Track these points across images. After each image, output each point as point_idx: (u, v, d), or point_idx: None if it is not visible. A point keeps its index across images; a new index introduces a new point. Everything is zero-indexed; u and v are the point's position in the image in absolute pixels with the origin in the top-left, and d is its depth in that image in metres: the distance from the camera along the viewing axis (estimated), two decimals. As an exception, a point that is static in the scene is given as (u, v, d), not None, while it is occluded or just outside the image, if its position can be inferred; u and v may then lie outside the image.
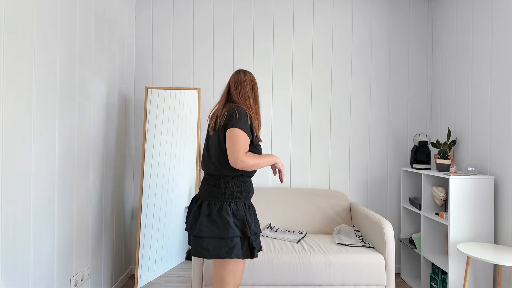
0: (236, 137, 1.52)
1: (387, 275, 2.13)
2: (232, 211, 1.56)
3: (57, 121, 1.71)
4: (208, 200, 1.59)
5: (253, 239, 1.56)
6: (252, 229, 1.57)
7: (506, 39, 2.18)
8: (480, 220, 2.21)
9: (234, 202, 1.58)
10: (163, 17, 2.92)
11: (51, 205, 1.67)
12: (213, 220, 1.53)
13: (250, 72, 1.87)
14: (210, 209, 1.56)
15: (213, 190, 1.59)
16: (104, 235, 2.33)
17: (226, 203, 1.56)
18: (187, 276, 2.52)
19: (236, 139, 1.52)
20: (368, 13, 2.99)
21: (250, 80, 1.74)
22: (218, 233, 1.51)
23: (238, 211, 1.57)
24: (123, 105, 2.68)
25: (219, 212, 1.54)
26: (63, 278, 1.79)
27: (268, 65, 2.95)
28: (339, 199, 2.79)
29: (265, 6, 2.95)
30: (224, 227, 1.51)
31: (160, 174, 2.51)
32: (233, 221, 1.54)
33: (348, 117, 2.98)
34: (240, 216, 1.56)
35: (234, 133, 1.53)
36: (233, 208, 1.56)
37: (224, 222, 1.52)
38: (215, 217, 1.53)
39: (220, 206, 1.56)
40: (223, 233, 1.51)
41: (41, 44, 1.56)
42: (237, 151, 1.51)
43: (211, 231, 1.52)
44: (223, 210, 1.54)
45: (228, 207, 1.55)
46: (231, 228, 1.51)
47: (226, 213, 1.53)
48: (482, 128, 2.39)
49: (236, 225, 1.54)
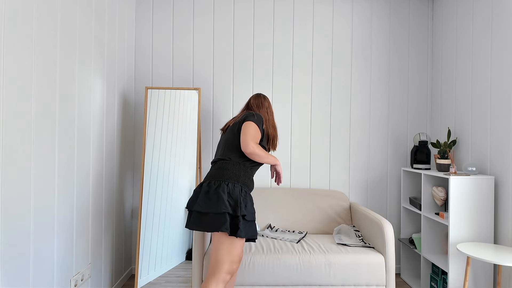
0: (250, 127, 1.74)
1: (387, 275, 2.13)
2: (228, 190, 1.67)
3: (57, 121, 1.71)
4: (209, 180, 1.72)
5: (240, 219, 1.64)
6: (243, 211, 1.65)
7: (506, 39, 2.18)
8: (480, 220, 2.21)
9: (232, 183, 1.69)
10: (163, 17, 2.92)
11: (51, 205, 1.67)
12: (209, 196, 1.64)
13: (268, 97, 2.20)
14: (209, 187, 1.68)
15: (216, 172, 1.74)
16: (104, 235, 2.33)
17: (224, 183, 1.68)
18: (187, 276, 2.51)
19: (249, 129, 1.74)
20: (368, 13, 2.99)
21: (269, 105, 2.04)
22: (212, 208, 1.61)
23: (233, 191, 1.67)
24: (123, 105, 2.68)
25: (216, 189, 1.66)
26: (63, 278, 1.79)
27: (268, 65, 2.95)
28: (339, 199, 2.79)
29: (265, 7, 2.95)
30: (218, 202, 1.62)
31: (160, 174, 2.51)
32: (227, 198, 1.64)
33: (348, 117, 2.98)
34: (234, 196, 1.66)
35: (249, 125, 1.75)
36: (230, 188, 1.67)
37: (219, 198, 1.63)
38: (212, 194, 1.65)
39: (218, 184, 1.68)
40: (216, 208, 1.61)
41: (41, 44, 1.56)
42: (249, 138, 1.71)
43: (207, 206, 1.62)
44: (220, 188, 1.66)
45: (225, 186, 1.67)
46: (224, 205, 1.61)
47: (222, 190, 1.65)
48: (482, 128, 2.39)
49: (229, 202, 1.64)
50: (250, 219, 1.70)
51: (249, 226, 1.70)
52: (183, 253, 2.60)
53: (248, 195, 1.76)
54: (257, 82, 2.94)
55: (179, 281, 2.49)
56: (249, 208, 1.71)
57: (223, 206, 1.61)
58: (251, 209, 1.73)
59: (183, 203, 2.56)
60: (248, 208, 1.70)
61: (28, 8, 1.47)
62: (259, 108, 1.99)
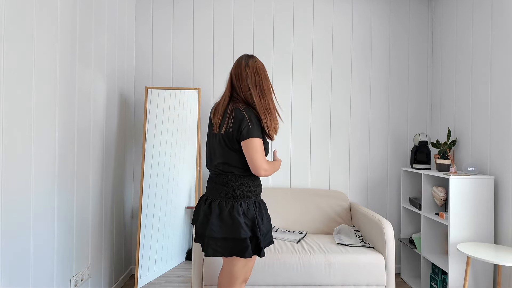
0: (255, 147, 1.50)
1: (387, 275, 2.13)
2: (243, 211, 1.53)
3: (57, 121, 1.71)
4: (218, 199, 1.56)
5: (261, 239, 1.54)
6: (262, 229, 1.56)
7: (506, 38, 2.18)
8: (480, 220, 2.21)
9: (245, 202, 1.55)
10: (163, 17, 2.92)
11: (51, 205, 1.67)
12: (224, 220, 1.51)
13: (254, 58, 1.62)
14: (221, 209, 1.53)
15: (223, 189, 1.56)
16: (104, 235, 2.33)
17: (237, 203, 1.54)
18: (187, 276, 2.51)
19: (256, 149, 1.50)
20: (368, 13, 2.99)
21: (253, 72, 1.57)
22: (230, 233, 1.50)
23: (248, 210, 1.54)
24: (123, 105, 2.68)
25: (230, 212, 1.52)
26: (63, 278, 1.79)
27: (268, 65, 2.95)
28: (339, 199, 2.79)
29: (265, 7, 2.95)
30: (235, 227, 1.49)
31: (160, 174, 2.51)
32: (244, 221, 1.51)
33: (348, 117, 2.98)
34: (250, 215, 1.54)
35: (253, 143, 1.49)
36: (244, 208, 1.54)
37: (236, 223, 1.50)
38: (226, 217, 1.51)
39: (231, 206, 1.53)
40: (234, 234, 1.49)
41: (41, 43, 1.56)
42: (259, 161, 1.50)
43: (223, 232, 1.50)
44: (234, 210, 1.52)
45: (239, 207, 1.53)
46: (242, 229, 1.49)
47: (237, 213, 1.51)
48: (482, 128, 2.39)
49: (246, 224, 1.51)
50: (269, 228, 1.64)
51: (268, 237, 1.64)
52: (183, 253, 2.60)
53: (262, 204, 1.65)
54: (257, 82, 2.93)
55: (179, 281, 2.49)
56: (265, 220, 1.62)
57: (242, 231, 1.49)
58: (267, 220, 1.64)
59: (183, 203, 2.56)
60: (265, 222, 1.61)
61: (28, 8, 1.47)
62: (243, 91, 1.56)
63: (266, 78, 1.60)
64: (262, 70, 1.60)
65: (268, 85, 1.60)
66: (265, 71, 1.61)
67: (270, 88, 1.61)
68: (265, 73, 1.61)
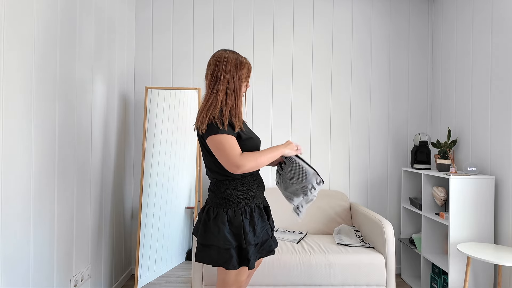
0: (218, 144, 1.34)
1: (387, 275, 2.13)
2: (229, 219, 1.42)
3: (57, 121, 1.71)
4: (208, 205, 1.50)
5: (249, 250, 1.42)
6: (249, 239, 1.42)
7: (506, 38, 2.18)
8: (480, 220, 2.21)
9: (232, 209, 1.44)
10: (163, 17, 2.92)
11: (51, 205, 1.67)
12: (208, 227, 1.43)
13: (222, 51, 1.46)
14: (208, 216, 1.45)
15: (210, 196, 1.50)
16: (104, 235, 2.33)
17: (223, 210, 1.43)
18: (187, 276, 2.51)
19: (219, 146, 1.34)
20: (368, 13, 2.99)
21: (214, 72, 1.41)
22: (214, 241, 1.41)
23: (235, 219, 1.42)
24: (123, 105, 2.68)
25: (215, 219, 1.43)
26: (63, 278, 1.78)
27: (268, 65, 2.95)
28: (339, 199, 2.78)
29: (265, 7, 2.95)
30: (218, 235, 1.40)
31: (160, 174, 2.51)
32: (228, 230, 1.41)
33: (348, 117, 2.98)
34: (237, 223, 1.42)
35: (215, 141, 1.35)
36: (230, 215, 1.43)
37: (219, 231, 1.40)
38: (212, 225, 1.42)
39: (216, 213, 1.44)
40: (218, 242, 1.40)
41: (40, 43, 1.56)
42: (229, 157, 1.34)
43: (206, 238, 1.43)
44: (218, 217, 1.42)
45: (224, 214, 1.43)
46: (226, 239, 1.39)
47: (222, 221, 1.41)
48: (482, 128, 2.38)
49: (232, 233, 1.41)
50: (264, 239, 1.52)
51: (266, 247, 1.54)
52: (183, 253, 2.60)
53: (256, 211, 1.50)
54: (256, 83, 2.94)
55: (179, 281, 2.48)
56: (260, 230, 1.48)
57: (226, 241, 1.39)
58: (263, 229, 1.50)
59: (183, 203, 2.56)
60: (259, 231, 1.47)
61: (28, 8, 1.47)
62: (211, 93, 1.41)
63: (226, 69, 1.41)
64: (226, 61, 1.42)
65: (235, 81, 1.42)
66: (232, 63, 1.42)
67: (239, 83, 1.43)
68: (227, 63, 1.41)
